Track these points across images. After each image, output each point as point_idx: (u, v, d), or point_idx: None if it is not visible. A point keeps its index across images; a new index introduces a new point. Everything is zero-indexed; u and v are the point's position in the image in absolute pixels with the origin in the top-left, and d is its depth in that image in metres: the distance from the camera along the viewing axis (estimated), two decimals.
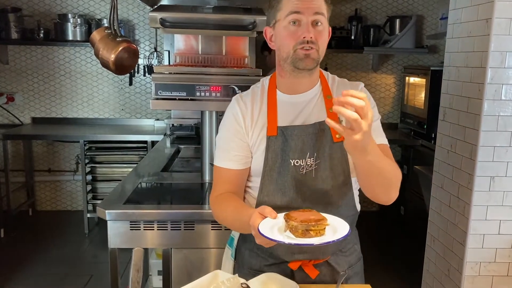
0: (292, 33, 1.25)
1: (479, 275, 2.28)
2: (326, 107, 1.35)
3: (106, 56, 2.19)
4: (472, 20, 2.24)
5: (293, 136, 1.31)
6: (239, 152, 1.35)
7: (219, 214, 1.37)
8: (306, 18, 1.23)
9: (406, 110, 4.34)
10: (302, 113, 1.34)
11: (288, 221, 1.08)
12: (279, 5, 1.28)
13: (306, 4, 1.24)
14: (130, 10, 4.34)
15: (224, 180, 1.37)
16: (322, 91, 1.37)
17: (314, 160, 1.32)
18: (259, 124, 1.34)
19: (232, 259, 1.49)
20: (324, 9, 1.26)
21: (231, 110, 1.38)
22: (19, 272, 3.31)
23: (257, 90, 1.40)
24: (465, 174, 2.27)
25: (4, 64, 4.33)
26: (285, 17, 1.25)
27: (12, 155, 4.41)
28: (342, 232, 1.07)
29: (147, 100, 4.49)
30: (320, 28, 1.25)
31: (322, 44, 1.27)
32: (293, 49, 1.25)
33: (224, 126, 1.40)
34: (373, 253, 3.80)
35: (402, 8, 4.49)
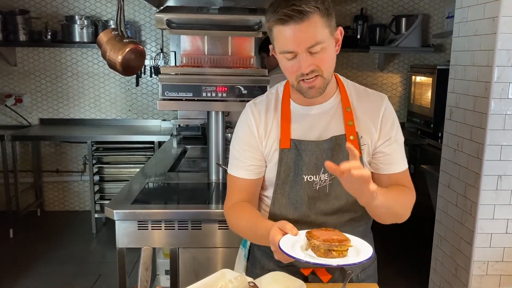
0: (290, 67, 1.19)
1: (487, 274, 2.27)
2: (344, 121, 1.28)
3: (113, 57, 2.20)
4: (479, 19, 2.24)
5: (307, 151, 1.27)
6: (253, 162, 1.32)
7: (234, 224, 1.34)
8: (300, 53, 1.15)
9: (412, 109, 4.32)
10: (317, 126, 1.29)
11: (311, 239, 1.05)
12: (272, 35, 1.20)
13: (297, 40, 1.14)
14: (136, 11, 4.37)
15: (238, 189, 1.34)
16: (341, 101, 1.30)
17: (329, 175, 1.27)
18: (272, 135, 1.30)
19: (245, 260, 1.46)
20: (319, 35, 1.14)
21: (245, 118, 1.34)
22: (28, 272, 3.35)
23: (271, 97, 1.35)
24: (472, 173, 2.26)
25: (12, 66, 4.37)
26: (279, 53, 1.19)
27: (21, 156, 4.45)
28: (365, 254, 1.05)
29: (154, 100, 4.51)
30: (319, 55, 1.16)
31: (326, 67, 1.19)
32: (296, 80, 1.20)
33: (237, 135, 1.36)
34: (379, 252, 3.78)
35: (408, 7, 4.48)
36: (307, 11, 1.12)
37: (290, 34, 1.14)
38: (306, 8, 1.12)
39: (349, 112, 1.29)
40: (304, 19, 1.12)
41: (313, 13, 1.13)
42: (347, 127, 1.27)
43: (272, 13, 1.16)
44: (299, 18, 1.12)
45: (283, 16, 1.13)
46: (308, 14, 1.12)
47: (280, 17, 1.13)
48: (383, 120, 1.30)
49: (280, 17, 1.13)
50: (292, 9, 1.12)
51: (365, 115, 1.30)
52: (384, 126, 1.30)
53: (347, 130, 1.27)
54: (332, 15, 1.19)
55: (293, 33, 1.13)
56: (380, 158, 1.31)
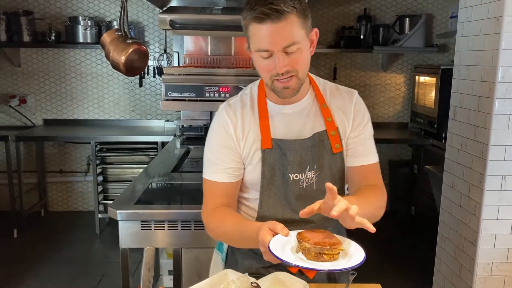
0: (265, 66, 1.18)
1: (491, 275, 2.26)
2: (323, 117, 1.30)
3: (117, 58, 2.21)
4: (483, 18, 2.23)
5: (290, 150, 1.27)
6: (231, 165, 1.29)
7: (215, 229, 1.30)
8: (276, 52, 1.15)
9: (416, 109, 4.31)
10: (296, 124, 1.30)
11: (301, 242, 1.04)
12: (248, 33, 1.18)
13: (271, 39, 1.13)
14: (139, 12, 4.37)
15: (217, 194, 1.31)
16: (316, 99, 1.32)
17: (315, 172, 1.29)
18: (251, 136, 1.29)
19: (223, 264, 1.44)
20: (296, 35, 1.14)
21: (220, 120, 1.31)
22: (32, 272, 3.36)
23: (246, 98, 1.34)
24: (476, 173, 2.25)
25: (16, 67, 4.39)
26: (255, 51, 1.18)
27: (25, 157, 4.47)
28: (356, 259, 1.03)
29: (157, 101, 4.51)
30: (294, 55, 1.16)
31: (302, 67, 1.20)
32: (270, 80, 1.20)
33: (213, 138, 1.33)
34: (383, 253, 3.78)
35: (412, 7, 4.47)
36: (285, 11, 1.11)
37: (266, 33, 1.13)
38: (284, 8, 1.11)
39: (326, 109, 1.31)
40: (281, 19, 1.12)
41: (290, 13, 1.12)
42: (327, 123, 1.30)
43: (249, 11, 1.15)
44: (276, 17, 1.11)
45: (260, 14, 1.12)
46: (285, 13, 1.11)
47: (257, 15, 1.12)
48: (354, 113, 1.34)
49: (257, 15, 1.12)
50: (270, 7, 1.11)
51: (339, 110, 1.34)
52: (355, 119, 1.34)
53: (327, 126, 1.30)
54: (308, 16, 1.19)
55: (269, 32, 1.13)
56: (352, 150, 1.34)
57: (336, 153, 1.30)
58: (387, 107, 4.63)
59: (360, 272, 1.38)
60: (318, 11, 4.44)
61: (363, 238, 1.29)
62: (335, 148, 1.30)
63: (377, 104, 4.62)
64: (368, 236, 1.68)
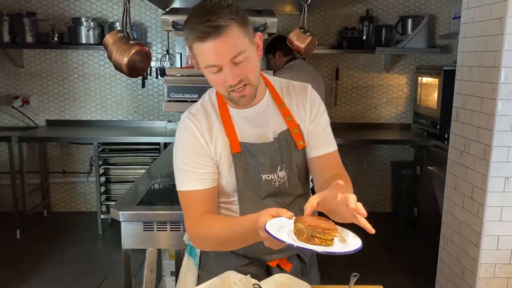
0: (217, 80, 1.20)
1: (494, 277, 2.25)
2: (283, 116, 1.34)
3: (119, 59, 2.20)
4: (486, 19, 2.22)
5: (260, 153, 1.30)
6: (206, 170, 1.29)
7: (205, 236, 1.27)
8: (224, 65, 1.16)
9: (419, 110, 4.31)
10: (260, 125, 1.33)
11: (296, 223, 1.04)
12: (193, 51, 1.19)
13: (219, 54, 1.15)
14: (142, 13, 4.38)
15: (196, 203, 1.29)
16: (273, 99, 1.36)
17: (285, 171, 1.33)
18: (219, 141, 1.30)
19: (197, 268, 1.43)
20: (240, 45, 1.16)
21: (186, 129, 1.31)
22: (34, 272, 3.36)
23: (206, 105, 1.35)
24: (479, 174, 2.25)
25: (19, 68, 4.41)
26: (204, 68, 1.19)
27: (27, 157, 4.48)
28: (351, 246, 1.02)
29: (160, 102, 4.52)
30: (243, 64, 1.17)
31: (253, 74, 1.21)
32: (226, 92, 1.22)
33: (181, 147, 1.31)
34: (386, 254, 3.78)
35: (414, 8, 4.46)
36: (223, 25, 1.12)
37: (210, 50, 1.14)
38: (222, 22, 1.12)
39: (284, 108, 1.35)
40: (222, 33, 1.13)
41: (229, 25, 1.13)
42: (288, 122, 1.34)
43: (189, 31, 1.16)
44: (216, 33, 1.12)
45: (200, 34, 1.13)
46: (225, 27, 1.13)
47: (198, 35, 1.13)
48: (310, 107, 1.38)
49: (198, 34, 1.13)
50: (208, 25, 1.12)
51: (296, 106, 1.37)
52: (312, 112, 1.38)
53: (288, 124, 1.34)
54: (248, 23, 1.20)
55: (213, 48, 1.14)
56: (312, 141, 1.38)
57: (300, 149, 1.35)
58: (390, 108, 4.62)
59: (362, 273, 1.38)
60: (321, 12, 4.44)
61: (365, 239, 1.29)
62: (299, 145, 1.34)
63: (380, 105, 4.61)
64: (371, 237, 1.68)
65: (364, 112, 4.63)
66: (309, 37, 3.16)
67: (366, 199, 4.73)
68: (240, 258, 1.36)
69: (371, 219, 1.60)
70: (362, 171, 4.71)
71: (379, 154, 4.71)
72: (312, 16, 4.39)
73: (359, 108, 4.62)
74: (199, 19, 1.13)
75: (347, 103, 4.61)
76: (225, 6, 1.15)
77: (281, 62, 3.61)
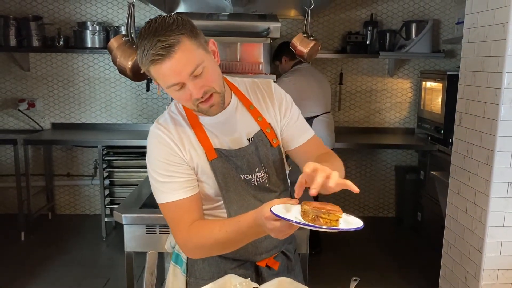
0: (182, 97, 1.18)
1: (497, 283, 2.24)
2: (254, 117, 1.35)
3: (123, 63, 2.22)
4: (489, 25, 2.22)
5: (236, 157, 1.30)
6: (186, 177, 1.27)
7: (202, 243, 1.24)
8: (186, 81, 1.14)
9: (422, 115, 4.30)
10: (232, 130, 1.32)
11: (303, 205, 1.06)
12: (151, 74, 1.17)
13: (177, 72, 1.12)
14: (147, 17, 4.41)
15: (183, 213, 1.26)
16: (241, 101, 1.35)
17: (264, 171, 1.34)
18: (193, 150, 1.28)
19: (184, 275, 1.41)
20: (196, 58, 1.14)
21: (157, 140, 1.27)
22: (38, 274, 3.38)
23: (175, 116, 1.32)
24: (482, 180, 2.24)
25: (26, 71, 4.44)
26: (166, 88, 1.17)
27: (33, 160, 4.51)
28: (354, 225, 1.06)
29: (164, 105, 4.54)
30: (204, 75, 1.16)
31: (216, 82, 1.20)
32: (194, 105, 1.20)
33: (155, 159, 1.27)
34: (389, 258, 3.76)
35: (418, 12, 4.46)
36: (174, 42, 1.10)
37: (168, 70, 1.12)
38: (172, 40, 1.10)
39: (253, 110, 1.35)
40: (175, 51, 1.11)
41: (180, 41, 1.11)
42: (259, 122, 1.35)
43: (142, 58, 1.14)
44: (169, 53, 1.10)
45: (153, 57, 1.11)
46: (176, 44, 1.11)
47: (151, 59, 1.11)
48: (278, 102, 1.39)
49: (151, 58, 1.11)
50: (160, 47, 1.10)
51: (264, 104, 1.38)
52: (281, 107, 1.39)
53: (260, 125, 1.35)
54: (198, 32, 1.18)
55: (170, 68, 1.12)
56: (289, 135, 1.40)
57: (275, 147, 1.36)
58: (394, 112, 4.62)
59: (364, 277, 1.38)
60: (325, 17, 4.45)
61: (369, 244, 1.29)
62: (273, 143, 1.35)
63: (384, 110, 4.61)
64: (374, 242, 1.67)
65: (368, 117, 4.63)
66: (312, 41, 3.18)
67: (369, 203, 4.73)
68: (229, 261, 1.36)
69: (374, 224, 1.59)
70: (366, 176, 4.70)
71: (382, 159, 4.71)
72: (316, 21, 4.40)
73: (363, 112, 4.62)
74: (148, 43, 1.11)
75: (351, 108, 4.61)
76: (171, 23, 1.12)
77: (288, 66, 3.68)
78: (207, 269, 1.38)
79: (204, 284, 1.33)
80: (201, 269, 1.39)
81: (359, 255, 3.79)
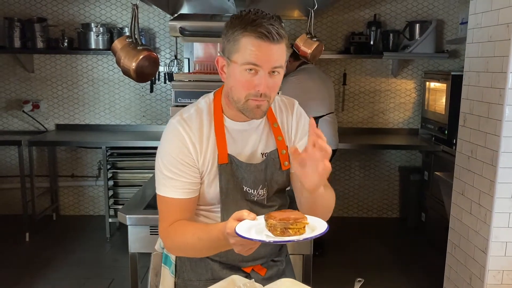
0: (247, 81, 1.19)
1: (502, 284, 2.24)
2: (274, 136, 1.35)
3: (127, 65, 2.23)
4: (493, 25, 2.22)
5: (246, 170, 1.30)
6: (190, 180, 1.27)
7: (177, 242, 1.27)
8: (264, 70, 1.17)
9: (426, 115, 4.29)
10: (250, 141, 1.33)
11: (268, 220, 1.07)
12: (237, 45, 1.18)
13: (266, 57, 1.16)
14: (151, 18, 4.42)
15: (174, 210, 1.28)
16: (268, 118, 1.36)
17: (266, 190, 1.35)
18: (209, 151, 1.29)
19: (173, 276, 1.42)
20: (283, 60, 1.20)
21: (176, 135, 1.27)
22: (43, 275, 3.39)
23: (202, 113, 1.32)
24: (486, 180, 2.23)
25: (30, 73, 4.46)
26: (242, 64, 1.18)
27: (37, 161, 4.52)
28: (320, 230, 1.07)
29: (168, 106, 4.55)
30: (276, 78, 1.20)
31: (273, 95, 1.24)
32: (245, 98, 1.21)
33: (168, 153, 1.28)
34: (393, 259, 3.75)
35: (422, 13, 4.45)
36: (282, 36, 1.18)
37: (264, 50, 1.16)
38: (282, 32, 1.18)
39: (276, 128, 1.36)
40: (279, 41, 1.18)
41: (284, 39, 1.19)
42: (278, 142, 1.35)
43: (246, 24, 1.16)
44: (276, 38, 1.16)
45: (265, 31, 1.15)
46: (282, 39, 1.18)
47: (261, 30, 1.15)
48: (297, 125, 1.40)
49: (261, 30, 1.15)
50: (272, 28, 1.15)
51: (285, 124, 1.39)
52: (298, 128, 1.39)
53: (278, 145, 1.35)
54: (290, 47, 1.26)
55: (267, 50, 1.16)
56: None
57: (284, 170, 1.36)
58: (397, 113, 4.61)
59: (369, 278, 1.38)
60: (328, 17, 4.45)
61: (374, 245, 1.29)
62: (284, 166, 1.35)
63: (387, 110, 4.60)
64: (378, 243, 1.67)
65: (371, 117, 4.62)
66: (316, 42, 3.18)
67: (373, 204, 4.72)
68: (216, 263, 1.36)
69: (378, 224, 1.59)
70: (370, 176, 4.69)
71: (386, 159, 4.70)
72: (319, 21, 4.40)
73: (367, 113, 4.61)
74: (261, 20, 1.16)
75: (355, 108, 4.60)
76: (279, 23, 1.19)
77: (293, 66, 3.68)
78: (194, 270, 1.38)
79: (191, 286, 1.35)
80: (188, 271, 1.39)
81: (363, 256, 3.78)
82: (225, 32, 1.22)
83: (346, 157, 4.61)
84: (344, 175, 4.65)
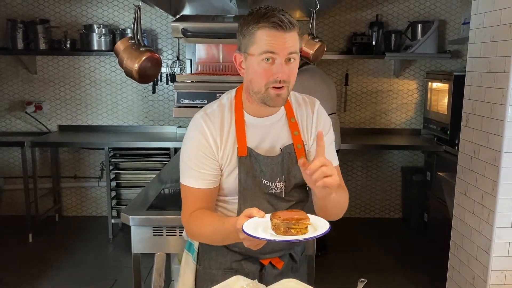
0: (266, 70, 1.25)
1: (505, 284, 2.23)
2: (291, 131, 1.39)
3: (130, 66, 2.24)
4: (495, 25, 2.22)
5: (263, 162, 1.35)
6: (210, 172, 1.35)
7: (196, 231, 1.37)
8: (280, 58, 1.24)
9: (429, 115, 4.29)
10: (269, 136, 1.38)
11: (272, 219, 1.12)
12: (253, 38, 1.25)
13: (281, 44, 1.23)
14: (153, 19, 4.43)
15: (195, 199, 1.37)
16: (286, 113, 1.41)
17: (283, 183, 1.39)
18: (229, 145, 1.35)
19: (194, 263, 1.50)
20: (297, 47, 1.27)
21: (199, 129, 1.36)
22: (46, 276, 3.40)
23: (224, 108, 1.39)
24: (489, 180, 2.23)
25: (33, 74, 4.48)
26: (259, 54, 1.24)
27: (40, 162, 4.54)
28: (321, 230, 1.12)
29: (170, 107, 4.56)
30: (293, 65, 1.27)
31: (292, 81, 1.29)
32: (265, 87, 1.26)
33: (191, 146, 1.37)
34: (396, 260, 3.75)
35: (424, 13, 4.45)
36: (294, 24, 1.25)
37: (278, 38, 1.23)
38: (293, 21, 1.26)
39: (294, 123, 1.40)
40: (292, 29, 1.24)
41: (295, 27, 1.26)
42: (294, 137, 1.39)
43: (259, 17, 1.24)
44: (288, 27, 1.23)
45: (277, 21, 1.22)
46: (294, 26, 1.25)
47: (274, 21, 1.22)
48: (317, 124, 1.44)
49: (274, 20, 1.22)
50: (284, 17, 1.23)
51: (304, 120, 1.43)
52: (318, 128, 1.42)
53: (294, 139, 1.39)
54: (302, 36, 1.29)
55: (281, 38, 1.23)
56: None
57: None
58: (400, 113, 4.61)
59: (371, 278, 1.38)
60: (330, 18, 4.45)
61: (377, 245, 1.29)
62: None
63: (390, 111, 4.60)
64: (381, 243, 1.67)
65: (373, 118, 4.62)
66: (318, 43, 3.18)
67: (376, 204, 4.71)
68: (235, 254, 1.43)
69: (381, 225, 1.60)
70: (372, 177, 4.69)
71: (389, 160, 4.69)
72: (321, 22, 4.40)
73: (369, 113, 4.61)
74: (272, 12, 1.23)
75: (357, 109, 4.60)
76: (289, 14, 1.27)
77: None
78: (215, 259, 1.45)
79: (211, 274, 1.43)
80: (209, 259, 1.46)
81: (366, 256, 3.78)
82: (240, 29, 1.29)
83: (348, 157, 4.61)
84: (346, 176, 4.64)
